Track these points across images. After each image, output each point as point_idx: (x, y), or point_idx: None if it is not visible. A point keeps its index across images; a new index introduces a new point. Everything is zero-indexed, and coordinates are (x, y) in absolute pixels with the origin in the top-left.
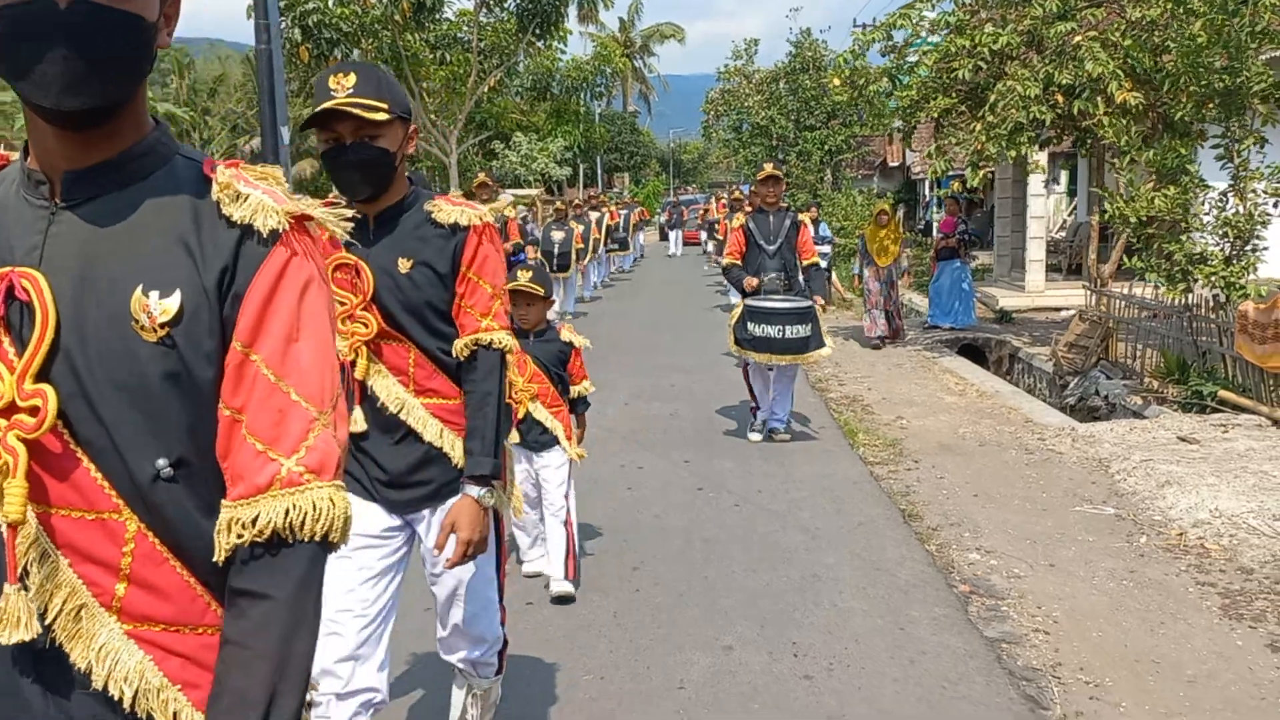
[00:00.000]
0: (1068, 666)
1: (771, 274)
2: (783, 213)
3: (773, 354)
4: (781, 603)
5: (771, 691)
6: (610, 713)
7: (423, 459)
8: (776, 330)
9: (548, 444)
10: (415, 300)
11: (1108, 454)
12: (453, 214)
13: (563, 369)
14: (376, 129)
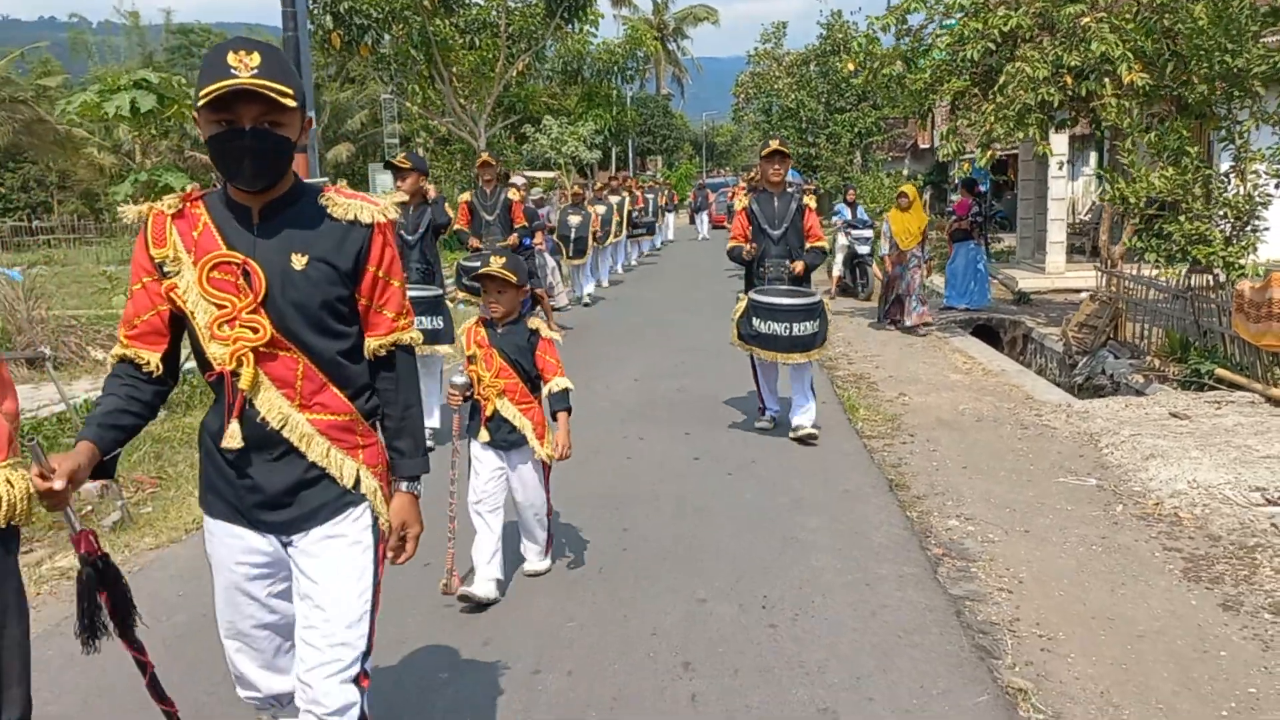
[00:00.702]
0: (1025, 622)
1: (775, 259)
2: (788, 194)
3: (778, 352)
4: (758, 562)
5: (737, 638)
6: (587, 654)
7: (303, 479)
8: (783, 327)
9: (517, 443)
10: (311, 300)
11: (1099, 429)
12: (351, 208)
13: (531, 362)
14: (282, 115)
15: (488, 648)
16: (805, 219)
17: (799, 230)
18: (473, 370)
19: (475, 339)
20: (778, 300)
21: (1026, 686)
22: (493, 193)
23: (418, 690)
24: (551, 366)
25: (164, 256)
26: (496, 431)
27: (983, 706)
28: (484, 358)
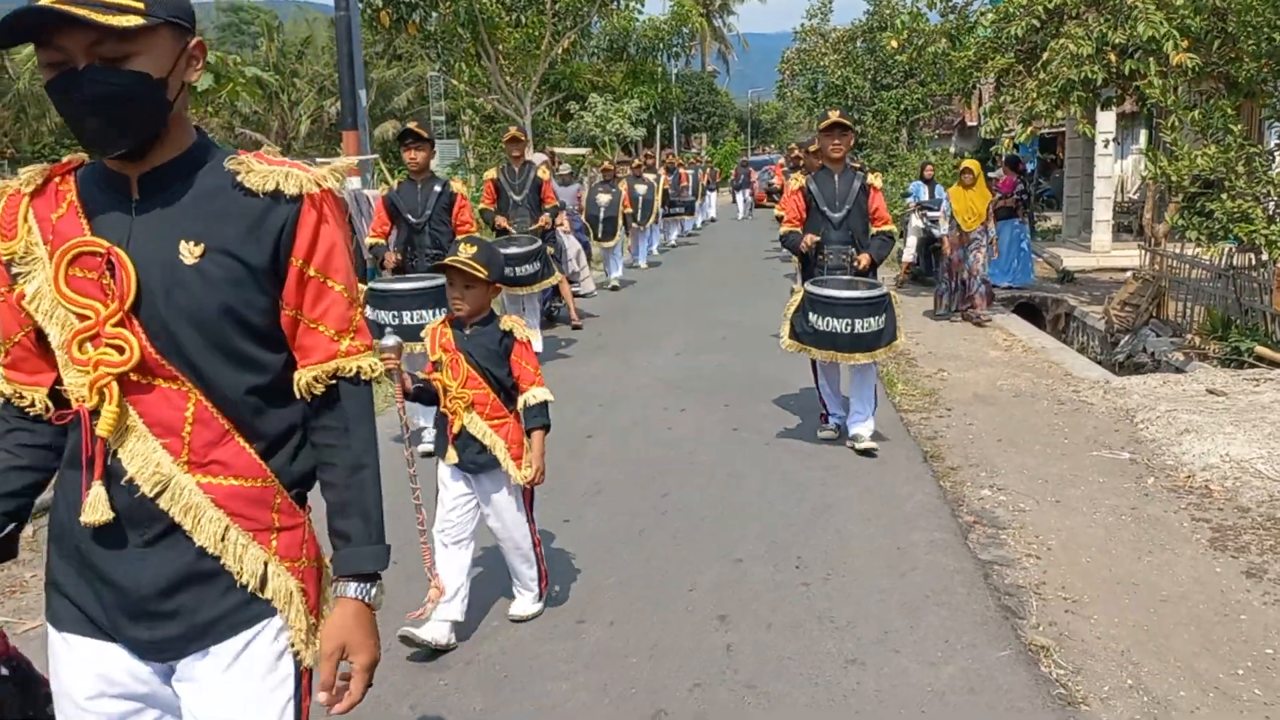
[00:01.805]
0: (1051, 586)
1: (836, 246)
2: (851, 172)
3: (838, 351)
4: (792, 527)
5: (770, 595)
6: (627, 607)
7: (188, 575)
8: (844, 324)
9: (487, 465)
10: (207, 308)
11: (1135, 404)
12: (271, 176)
13: (505, 370)
14: (126, 44)
15: None
16: (870, 200)
17: (863, 213)
18: (438, 379)
19: (440, 342)
20: (838, 293)
21: (1049, 644)
22: (521, 170)
23: (471, 637)
24: (529, 375)
25: (12, 253)
26: (464, 451)
27: (1005, 661)
28: (450, 364)
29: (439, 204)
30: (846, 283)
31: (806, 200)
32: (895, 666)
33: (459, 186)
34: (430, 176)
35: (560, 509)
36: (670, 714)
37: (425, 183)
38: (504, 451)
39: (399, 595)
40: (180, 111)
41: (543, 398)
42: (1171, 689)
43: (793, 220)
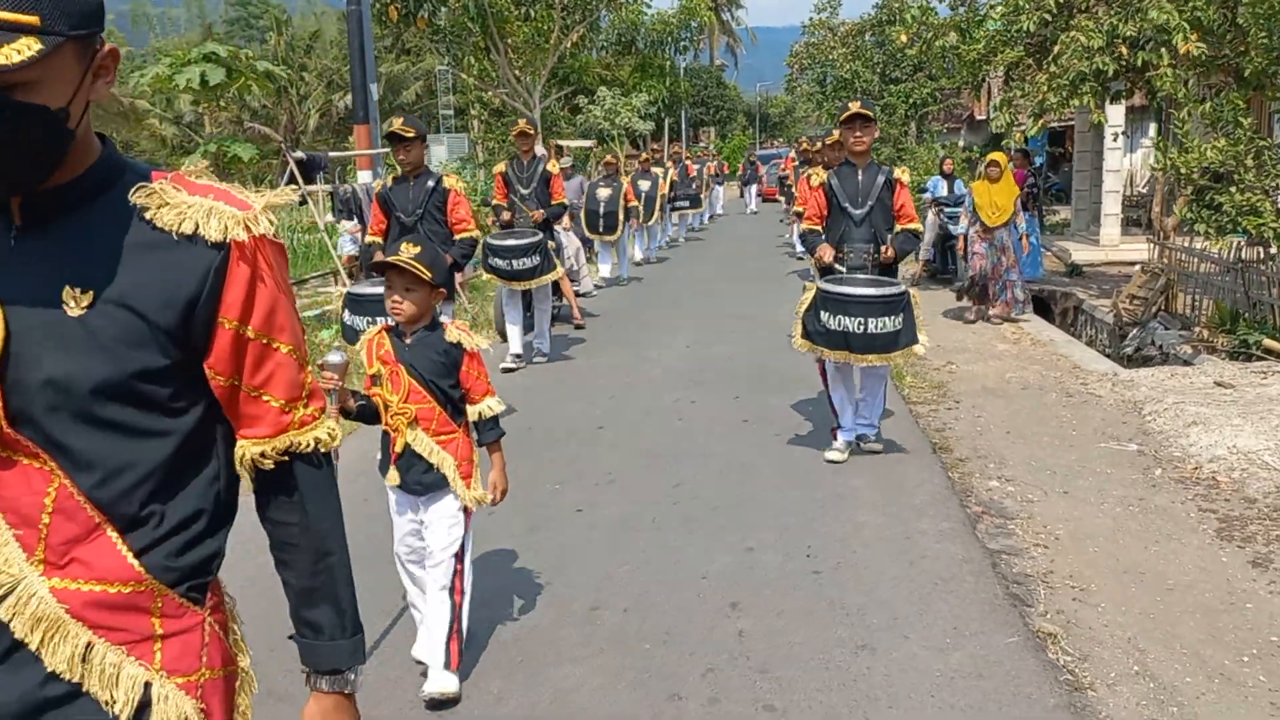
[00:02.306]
0: (1059, 575)
1: (858, 245)
2: (875, 168)
3: (851, 352)
4: (803, 516)
5: (782, 583)
6: (641, 594)
7: (41, 703)
8: (856, 323)
9: (435, 485)
10: (92, 372)
11: (1143, 397)
12: (189, 215)
13: (452, 382)
14: (17, 73)
15: (550, 587)
16: (895, 196)
17: (887, 209)
18: (377, 394)
19: (378, 353)
20: (852, 291)
21: (1056, 631)
22: (529, 164)
23: (486, 620)
24: (480, 386)
25: None
26: (408, 471)
27: (1013, 647)
28: (389, 377)
29: (431, 202)
30: (863, 281)
31: (827, 196)
32: (905, 652)
33: (453, 183)
34: (424, 173)
35: (573, 498)
36: (684, 698)
37: (418, 179)
38: (453, 469)
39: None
40: (85, 134)
41: (496, 409)
42: (1177, 675)
43: (813, 218)
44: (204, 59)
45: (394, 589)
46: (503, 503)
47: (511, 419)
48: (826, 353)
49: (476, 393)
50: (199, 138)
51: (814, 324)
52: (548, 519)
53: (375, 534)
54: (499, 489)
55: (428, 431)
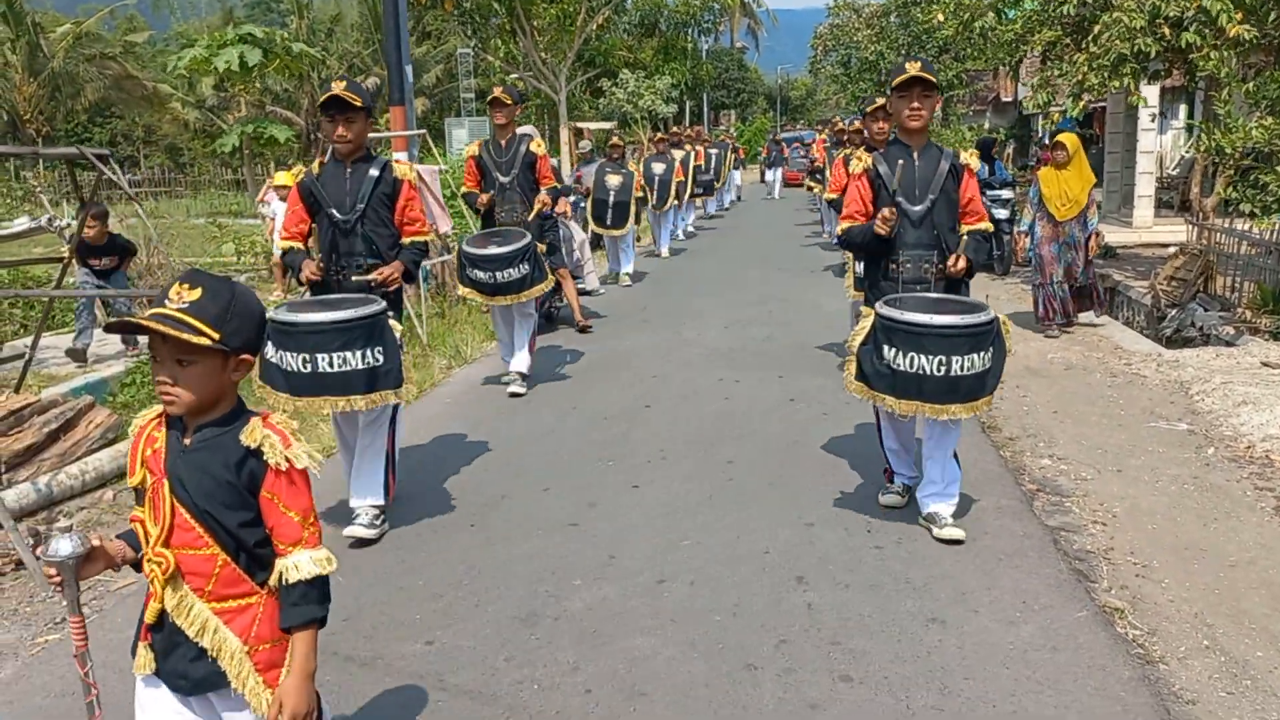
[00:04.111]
0: (1119, 551)
1: (916, 251)
2: (935, 150)
3: (924, 401)
4: (860, 492)
5: (845, 558)
6: (705, 567)
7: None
8: (935, 363)
9: (209, 684)
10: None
11: (1190, 377)
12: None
13: (245, 517)
14: None
15: (614, 561)
16: (963, 188)
17: (952, 205)
18: (138, 518)
19: (144, 452)
20: (928, 319)
21: (1123, 606)
22: (508, 145)
23: (553, 593)
24: (291, 527)
25: None
26: (167, 656)
27: (1082, 621)
28: (152, 494)
29: (375, 194)
30: (933, 302)
31: (874, 187)
32: (975, 625)
33: (406, 171)
34: (365, 157)
35: (626, 474)
36: (759, 668)
37: (357, 166)
38: (239, 661)
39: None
40: None
41: (312, 571)
42: (1248, 649)
43: (855, 214)
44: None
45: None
46: (561, 477)
47: (557, 399)
48: (892, 402)
49: (283, 538)
50: (221, 122)
51: (874, 362)
52: (604, 494)
53: None
54: (288, 709)
55: (200, 593)
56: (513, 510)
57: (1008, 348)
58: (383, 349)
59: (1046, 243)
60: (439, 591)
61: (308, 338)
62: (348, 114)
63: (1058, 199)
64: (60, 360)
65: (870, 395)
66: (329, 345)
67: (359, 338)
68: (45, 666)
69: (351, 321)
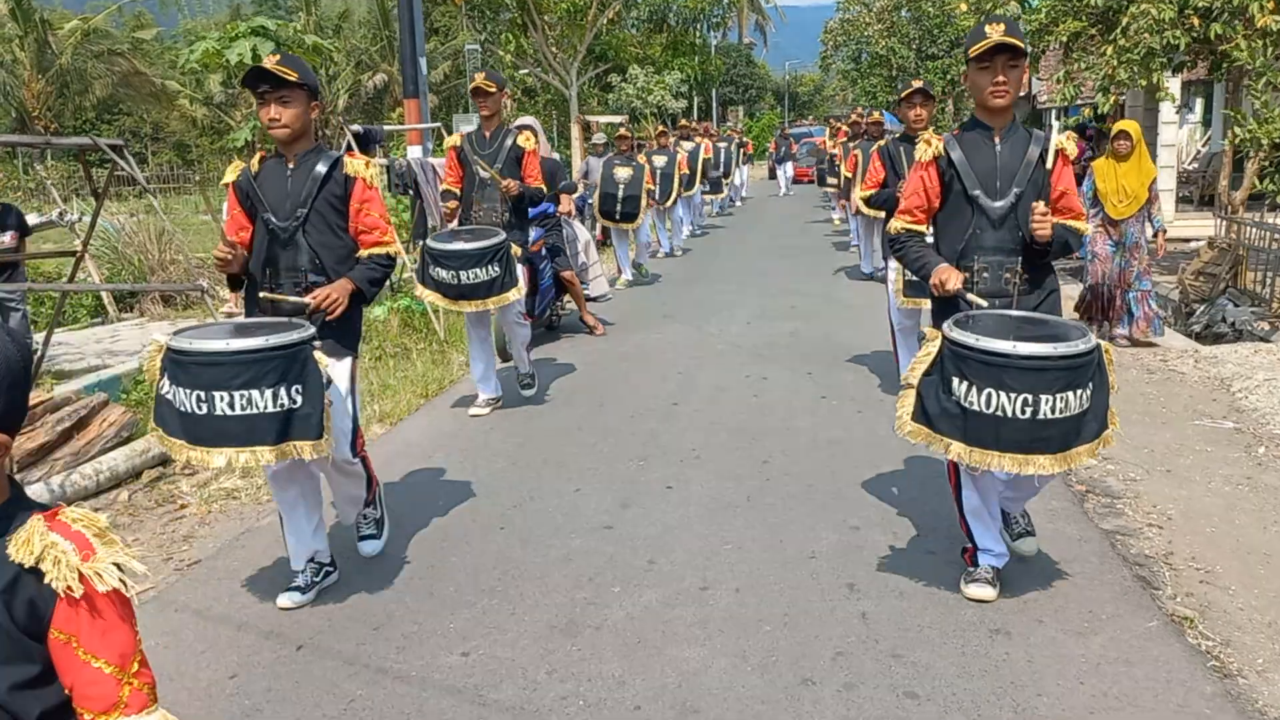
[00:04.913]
0: (1180, 556)
1: (995, 258)
2: (1021, 132)
3: (1002, 451)
4: (904, 494)
5: (897, 563)
6: (750, 574)
7: None
8: (1019, 402)
9: None
10: None
11: (1230, 374)
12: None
13: (29, 654)
14: None
15: (654, 566)
16: (1055, 178)
17: (1043, 197)
18: None
19: None
20: (1013, 349)
21: (1192, 615)
22: (493, 137)
23: (592, 599)
24: (100, 684)
25: None
26: None
27: (1154, 631)
28: None
29: (322, 196)
30: (1016, 323)
31: (943, 177)
32: (1042, 636)
33: (360, 169)
34: (313, 150)
35: (660, 474)
36: (817, 683)
37: (303, 161)
38: None
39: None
40: None
41: None
42: None
43: (913, 210)
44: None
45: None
46: (592, 476)
47: (582, 395)
48: (959, 449)
49: (90, 701)
50: (229, 119)
51: (939, 399)
52: (637, 495)
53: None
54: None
55: None
56: (543, 511)
57: (1111, 383)
58: (302, 389)
59: (1100, 241)
60: (472, 598)
61: (203, 371)
62: (280, 92)
63: (1114, 195)
64: (72, 356)
65: (932, 440)
66: (230, 381)
67: (270, 373)
68: None
69: (260, 353)
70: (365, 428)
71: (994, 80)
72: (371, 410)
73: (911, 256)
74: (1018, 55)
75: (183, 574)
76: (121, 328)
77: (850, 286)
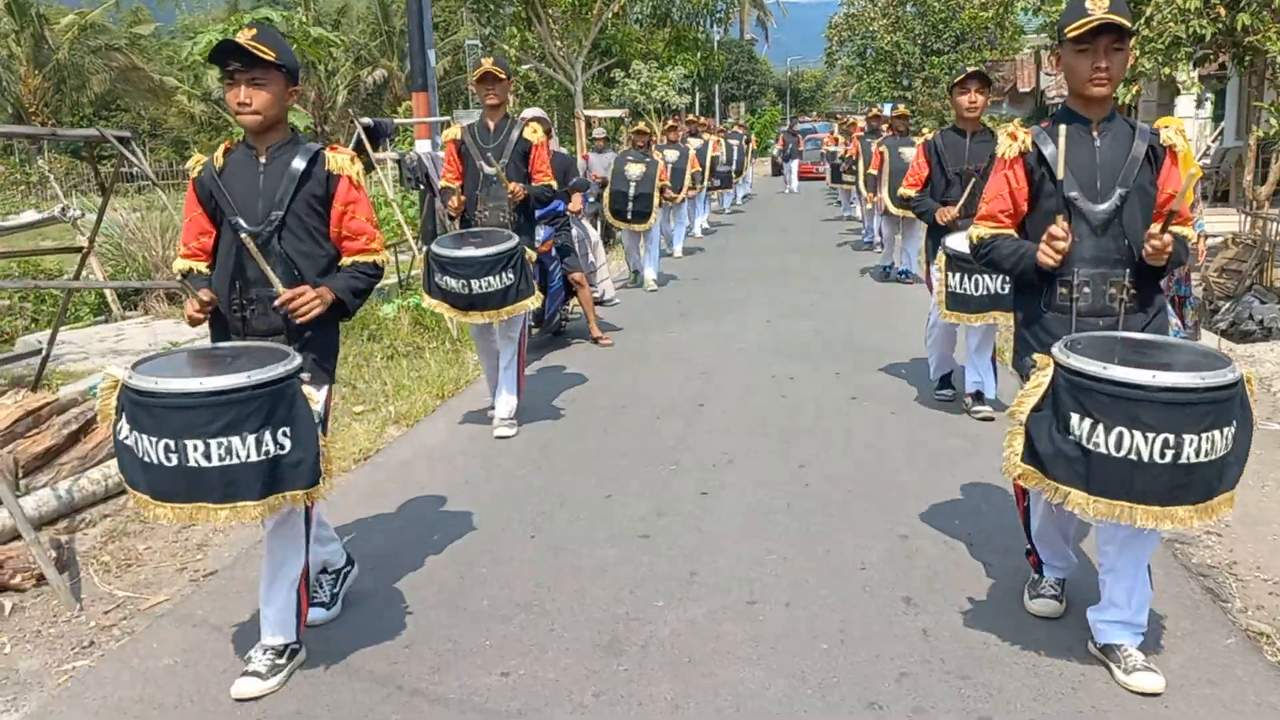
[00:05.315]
0: (1244, 565)
1: (1098, 270)
2: (1124, 126)
3: (1132, 502)
4: (949, 500)
5: (952, 574)
6: (799, 587)
7: None
8: (1157, 444)
9: None
10: None
11: (1269, 373)
12: None
13: None
14: None
15: (696, 578)
16: (1163, 178)
17: (1148, 202)
18: None
19: None
20: (1153, 379)
21: (1268, 630)
22: (498, 128)
23: (634, 615)
24: None
25: None
26: None
27: (1233, 649)
28: None
29: (300, 196)
30: (1131, 348)
31: (1032, 177)
32: None
33: (343, 164)
34: (288, 142)
35: (693, 479)
36: (885, 708)
37: (277, 155)
38: None
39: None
40: None
41: None
42: None
43: (996, 215)
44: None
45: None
46: (622, 482)
47: (604, 397)
48: (1079, 498)
49: None
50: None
51: (1053, 438)
52: (671, 502)
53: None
54: None
55: None
56: (574, 519)
57: (1254, 420)
58: (290, 430)
59: None
60: (507, 613)
61: (172, 415)
62: (253, 72)
63: None
64: (77, 355)
65: (1045, 485)
66: (205, 426)
67: (253, 415)
68: (77, 699)
69: (241, 392)
70: (380, 430)
71: (1095, 65)
72: (387, 411)
73: (1004, 254)
74: (1123, 35)
75: (199, 585)
76: (126, 326)
77: (873, 287)
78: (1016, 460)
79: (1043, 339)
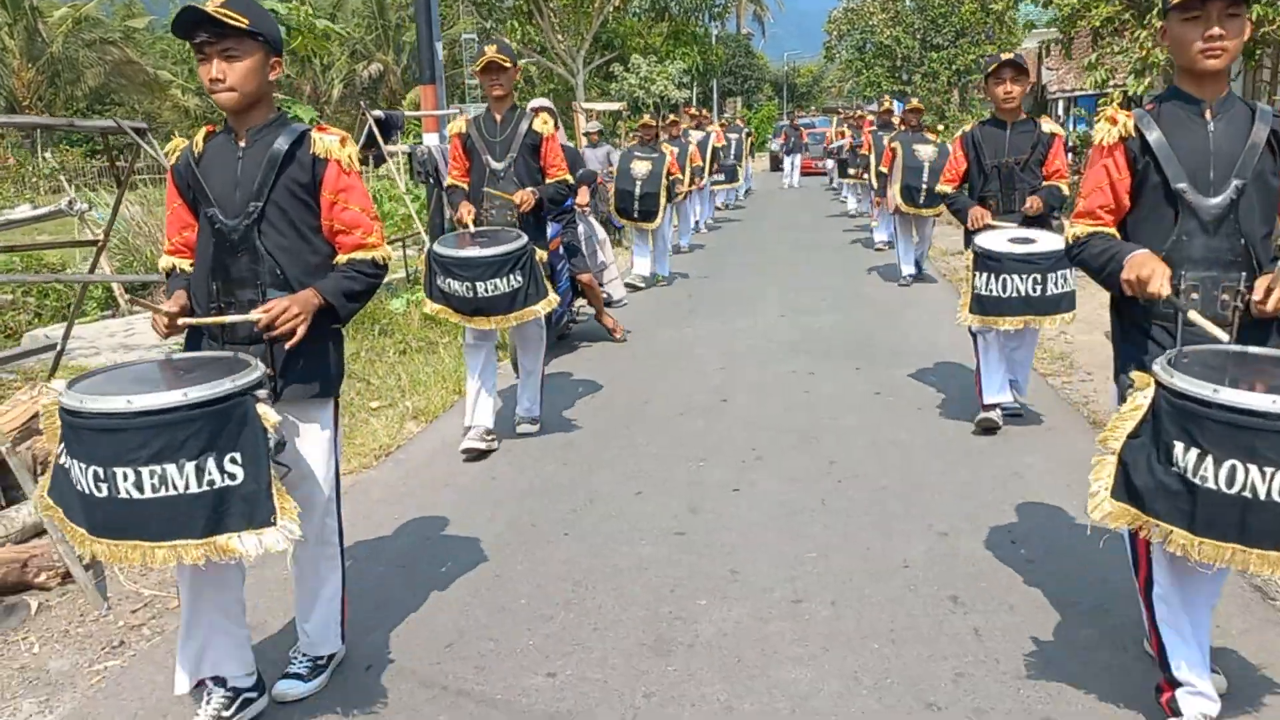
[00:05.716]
0: None
1: (1210, 273)
2: (1242, 108)
3: (1245, 545)
4: (985, 497)
5: (997, 573)
6: (843, 585)
7: None
8: (1277, 480)
9: None
10: None
11: None
12: None
13: None
14: None
15: (737, 576)
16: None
17: (1269, 196)
18: None
19: None
20: (1273, 405)
21: None
22: (505, 121)
23: (678, 614)
24: None
25: None
26: None
27: None
28: None
29: (281, 183)
30: (1253, 363)
31: (1135, 166)
32: None
33: (333, 146)
34: (273, 123)
35: (722, 476)
36: (944, 709)
37: (257, 140)
38: None
39: None
40: None
41: None
42: None
43: (1096, 210)
44: None
45: None
46: (651, 479)
47: (623, 395)
48: (1182, 537)
49: None
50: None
51: (1154, 471)
52: (703, 499)
53: None
54: None
55: None
56: (607, 516)
57: None
58: (241, 457)
59: None
60: (548, 612)
61: (99, 439)
62: (225, 43)
63: None
64: (87, 350)
65: (1141, 522)
66: (135, 453)
67: (191, 440)
68: (114, 699)
69: (174, 412)
70: (399, 426)
71: (1207, 34)
72: (404, 407)
73: (1094, 253)
74: (1236, 2)
75: None
76: (135, 320)
77: (884, 286)
78: (1106, 495)
79: (1140, 354)
